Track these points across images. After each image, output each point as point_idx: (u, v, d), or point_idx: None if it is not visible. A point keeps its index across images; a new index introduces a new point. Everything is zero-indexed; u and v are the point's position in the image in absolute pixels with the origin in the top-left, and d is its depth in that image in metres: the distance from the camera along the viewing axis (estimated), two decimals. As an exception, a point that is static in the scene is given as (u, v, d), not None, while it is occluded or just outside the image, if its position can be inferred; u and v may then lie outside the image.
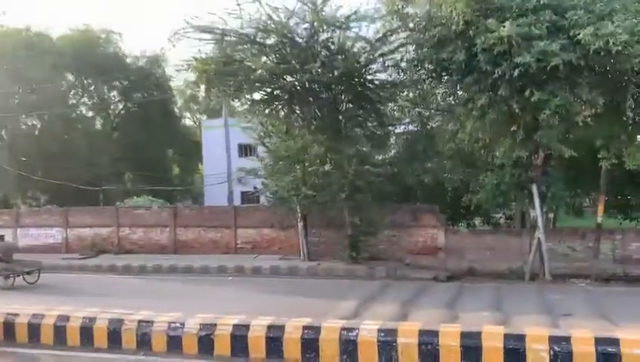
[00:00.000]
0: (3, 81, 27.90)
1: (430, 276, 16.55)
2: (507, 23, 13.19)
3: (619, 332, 8.66)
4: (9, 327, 11.13)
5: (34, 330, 10.95)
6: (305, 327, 9.48)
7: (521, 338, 8.36)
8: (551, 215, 21.43)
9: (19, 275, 16.60)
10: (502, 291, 14.42)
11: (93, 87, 35.25)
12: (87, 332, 10.60)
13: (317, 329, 9.37)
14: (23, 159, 29.97)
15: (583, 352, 8.00)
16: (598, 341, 8.09)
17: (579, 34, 12.80)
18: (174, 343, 9.98)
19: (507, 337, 8.44)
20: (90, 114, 37.38)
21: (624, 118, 14.72)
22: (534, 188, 16.02)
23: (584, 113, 14.28)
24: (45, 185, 29.02)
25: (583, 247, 16.65)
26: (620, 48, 12.35)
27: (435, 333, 8.76)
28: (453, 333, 8.71)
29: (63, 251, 22.79)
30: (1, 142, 31.49)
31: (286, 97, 17.32)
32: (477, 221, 21.90)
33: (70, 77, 34.58)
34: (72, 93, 35.45)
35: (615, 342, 8.02)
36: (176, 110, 43.70)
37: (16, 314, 11.30)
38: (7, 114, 29.20)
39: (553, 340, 8.25)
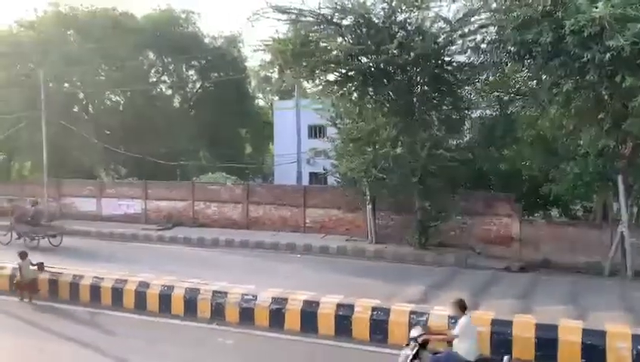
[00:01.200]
0: (91, 58, 29.38)
1: (502, 266, 16.11)
2: (600, 4, 12.39)
3: None
4: (94, 290, 11.97)
5: (118, 294, 11.69)
6: (374, 308, 9.54)
7: (601, 334, 8.02)
8: (635, 209, 20.14)
9: (44, 237, 18.81)
10: (579, 285, 13.82)
11: (172, 65, 36.38)
12: (165, 300, 11.17)
13: (386, 311, 9.41)
14: (107, 133, 31.58)
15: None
16: (687, 343, 7.63)
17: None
18: (247, 315, 10.35)
19: (586, 332, 8.13)
20: (169, 92, 38.69)
21: None
22: (620, 180, 15.12)
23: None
24: (126, 159, 30.47)
25: (674, 245, 15.55)
26: None
27: (508, 323, 8.57)
28: (527, 324, 8.48)
29: (142, 221, 23.98)
30: (87, 116, 33.30)
31: (360, 78, 17.17)
32: (554, 212, 20.94)
33: (151, 55, 35.83)
34: (152, 71, 36.76)
35: None
36: (250, 91, 44.47)
37: (101, 278, 12.11)
38: (94, 90, 30.90)
39: (637, 339, 7.87)
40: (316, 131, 33.35)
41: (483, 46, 16.19)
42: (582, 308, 11.12)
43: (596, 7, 12.39)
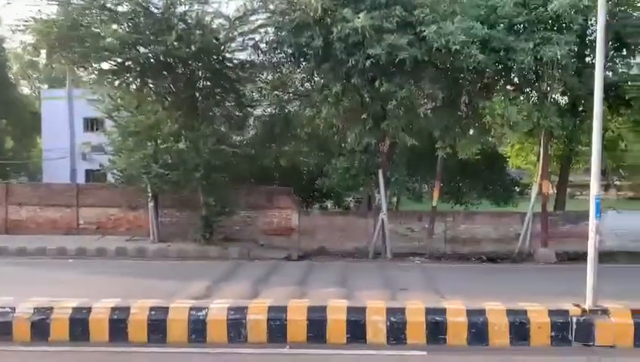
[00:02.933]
0: None
1: (283, 256, 16.97)
2: (362, 15, 13.84)
3: (445, 303, 9.68)
4: None
5: None
6: (152, 308, 9.18)
7: (361, 310, 8.97)
8: (394, 199, 23.07)
9: None
10: (348, 269, 15.27)
11: None
12: None
13: (164, 310, 9.13)
14: None
15: (415, 322, 8.81)
16: (428, 311, 8.96)
17: (424, 31, 13.87)
18: (3, 329, 9.05)
19: (350, 310, 8.99)
20: None
21: (459, 113, 16.29)
22: (380, 174, 17.15)
23: (425, 106, 15.58)
24: None
25: (420, 228, 18.19)
26: (458, 47, 13.62)
27: (283, 309, 9.03)
28: (300, 308, 9.05)
29: None
30: None
31: (138, 69, 16.40)
32: (330, 204, 22.83)
33: None
34: None
35: (442, 311, 8.96)
36: (10, 76, 39.07)
37: None
38: None
39: (390, 312, 8.97)
40: (93, 124, 30.87)
41: (262, 46, 16.82)
42: (349, 288, 12.32)
43: (359, 18, 13.81)
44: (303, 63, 16.31)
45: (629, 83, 17.12)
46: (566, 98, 17.95)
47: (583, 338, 8.64)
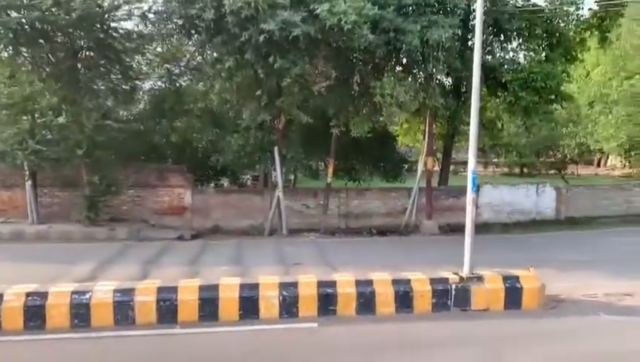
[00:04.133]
0: None
1: (175, 236, 16.52)
2: (255, -11, 13.59)
3: (336, 275, 9.97)
4: None
5: None
6: (29, 294, 8.55)
7: (254, 287, 8.99)
8: (292, 176, 23.26)
9: None
10: (243, 246, 15.23)
11: None
12: None
13: (43, 295, 8.55)
14: None
15: (307, 295, 9.00)
16: (320, 284, 9.19)
17: (317, 9, 13.91)
18: None
19: (242, 287, 8.98)
20: None
21: (352, 92, 16.64)
22: (276, 151, 17.16)
23: (320, 83, 15.73)
24: None
25: (315, 205, 18.53)
26: (350, 27, 13.84)
27: (173, 289, 8.82)
28: (191, 288, 8.89)
29: None
30: None
31: (10, 36, 14.91)
32: (226, 181, 22.49)
33: None
34: None
35: (333, 284, 9.23)
36: None
37: None
38: None
39: (283, 286, 9.09)
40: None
41: (150, 16, 15.97)
42: (244, 265, 12.34)
43: (251, -8, 13.54)
44: (195, 36, 15.76)
45: (506, 66, 18.45)
46: (450, 80, 18.99)
47: (461, 303, 9.32)
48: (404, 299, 9.18)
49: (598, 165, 48.34)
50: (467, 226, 9.76)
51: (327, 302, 9.03)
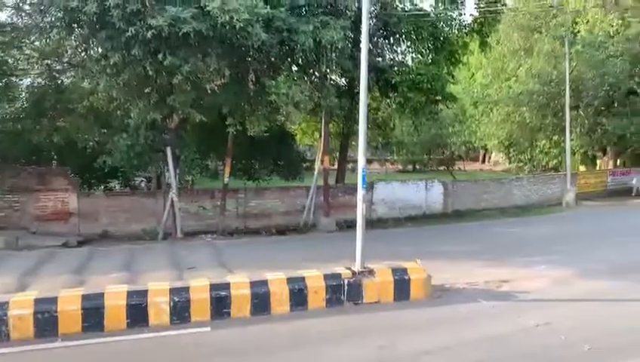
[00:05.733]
0: None
1: (59, 243, 15.44)
2: (141, -17, 13.02)
3: (230, 277, 9.84)
4: None
5: None
6: None
7: (143, 293, 8.62)
8: (189, 178, 22.62)
9: None
10: (134, 252, 14.56)
11: None
12: None
13: None
14: None
15: (199, 299, 8.79)
16: (213, 287, 9.01)
17: (208, 5, 13.60)
18: None
19: (130, 294, 8.57)
20: None
21: (247, 90, 16.46)
22: (168, 151, 16.59)
23: (215, 82, 15.41)
24: None
25: (212, 206, 18.15)
26: (242, 25, 13.67)
27: (53, 300, 8.23)
28: (73, 298, 8.34)
29: None
30: None
31: None
32: (116, 184, 21.37)
33: None
34: None
35: (226, 286, 9.08)
36: None
37: None
38: None
39: (174, 291, 8.80)
40: None
41: (26, 7, 14.77)
42: (134, 272, 11.79)
43: (136, -15, 12.95)
44: (77, 30, 14.74)
45: (396, 68, 19.25)
46: (344, 80, 19.46)
47: (353, 297, 9.57)
48: (298, 297, 9.26)
49: (483, 161, 52.01)
50: (358, 222, 10.04)
51: (220, 304, 8.87)
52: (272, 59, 16.47)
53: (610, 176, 28.64)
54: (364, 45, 10.12)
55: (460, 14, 20.55)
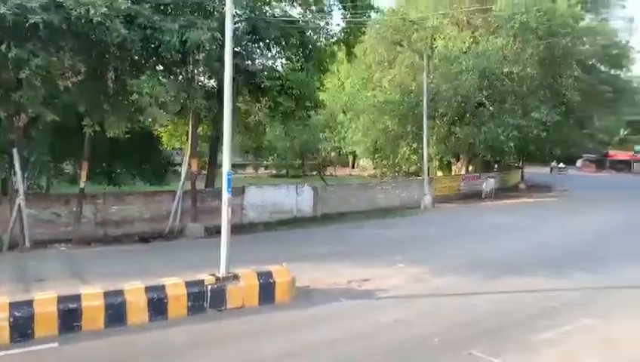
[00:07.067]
0: None
1: None
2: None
3: (82, 288, 9.14)
4: None
5: None
6: None
7: (-25, 311, 7.71)
8: (43, 182, 20.72)
9: None
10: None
11: None
12: None
13: None
14: None
15: (44, 313, 8.06)
16: (62, 299, 8.31)
17: (61, -3, 12.61)
18: None
19: (-42, 314, 7.62)
20: None
21: (107, 89, 15.47)
22: (15, 153, 15.05)
23: (70, 79, 14.26)
24: None
25: (67, 212, 16.72)
26: (100, 19, 12.84)
27: None
28: None
29: None
30: None
31: None
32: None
33: None
34: None
35: (76, 298, 8.43)
36: None
37: None
38: None
39: (15, 306, 7.98)
40: None
41: None
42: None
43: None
44: None
45: (266, 73, 19.29)
46: (213, 82, 19.08)
47: (216, 303, 9.39)
48: (158, 306, 8.87)
49: (353, 167, 54.16)
50: (223, 227, 9.89)
51: (70, 318, 8.22)
52: (135, 57, 15.70)
53: (463, 181, 31.31)
54: (228, 46, 10.03)
55: (328, 24, 21.21)
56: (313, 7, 20.42)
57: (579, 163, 59.68)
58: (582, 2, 30.85)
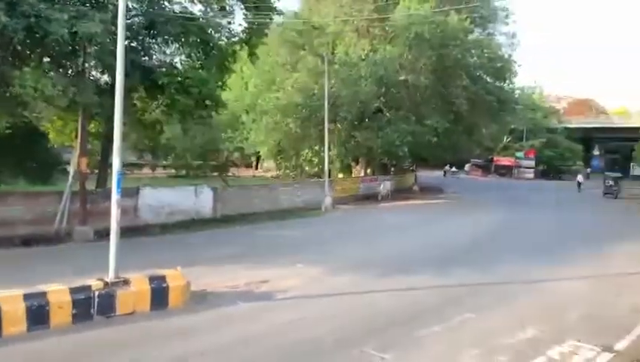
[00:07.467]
0: None
1: None
2: None
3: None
4: None
5: None
6: None
7: None
8: None
9: None
10: None
11: None
12: None
13: None
14: None
15: None
16: None
17: None
18: None
19: None
20: None
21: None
22: None
23: None
24: None
25: None
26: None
27: None
28: None
29: None
30: None
31: None
32: None
33: None
34: None
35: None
36: None
37: None
38: None
39: None
40: None
41: None
42: None
43: None
44: None
45: (164, 69, 18.63)
46: (107, 77, 18.12)
47: (104, 310, 8.91)
48: (38, 315, 8.25)
49: (256, 168, 53.87)
50: (112, 229, 9.43)
51: None
52: (18, 47, 14.55)
53: (361, 183, 32.30)
54: (120, 40, 9.59)
55: (230, 23, 20.90)
56: (215, 6, 20.00)
57: (467, 167, 63.70)
58: (471, 17, 32.97)
